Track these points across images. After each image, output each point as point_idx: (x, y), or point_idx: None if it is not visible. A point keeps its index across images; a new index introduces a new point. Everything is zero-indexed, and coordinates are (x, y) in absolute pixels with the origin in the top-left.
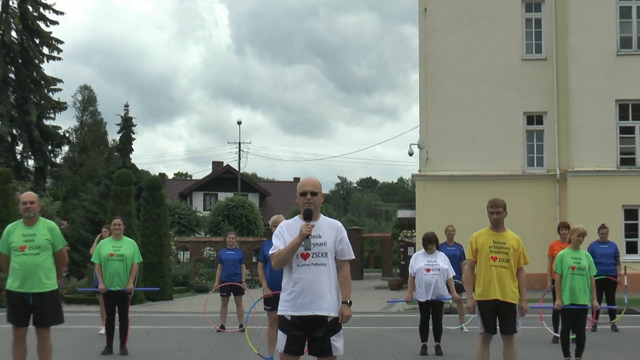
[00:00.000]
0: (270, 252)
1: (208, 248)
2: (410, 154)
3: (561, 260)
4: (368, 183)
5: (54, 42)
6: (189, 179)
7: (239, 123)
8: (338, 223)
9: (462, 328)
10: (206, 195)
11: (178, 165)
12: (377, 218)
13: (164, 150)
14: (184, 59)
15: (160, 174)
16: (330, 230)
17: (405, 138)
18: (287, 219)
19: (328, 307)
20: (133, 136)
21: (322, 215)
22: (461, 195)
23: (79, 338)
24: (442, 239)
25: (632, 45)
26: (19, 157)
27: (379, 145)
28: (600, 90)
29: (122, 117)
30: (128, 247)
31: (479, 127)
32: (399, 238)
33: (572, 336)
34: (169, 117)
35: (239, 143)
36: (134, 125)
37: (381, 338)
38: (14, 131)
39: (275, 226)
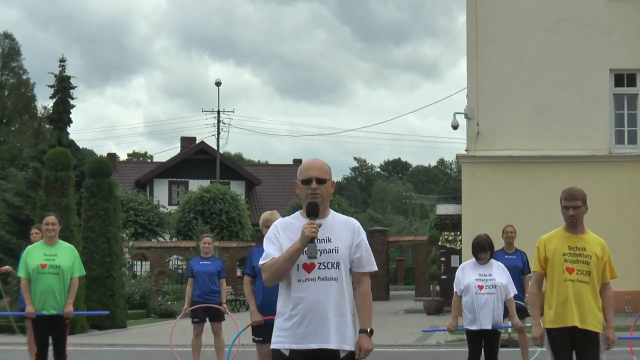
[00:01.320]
0: (261, 262)
1: (175, 257)
2: (455, 127)
3: None
4: (396, 167)
5: None
6: (148, 161)
7: (219, 84)
8: (354, 222)
9: None
10: (172, 184)
11: (134, 142)
12: (408, 215)
13: (114, 122)
14: None
15: (109, 154)
16: (343, 231)
17: (448, 105)
18: (283, 215)
19: (340, 338)
20: (72, 102)
21: (332, 211)
22: (524, 184)
23: None
24: (498, 244)
25: None
26: None
27: (412, 115)
28: None
29: (56, 76)
30: (65, 255)
31: (549, 90)
32: (439, 243)
33: None
34: (122, 76)
35: (218, 112)
36: (73, 88)
37: None
38: None
39: (268, 226)
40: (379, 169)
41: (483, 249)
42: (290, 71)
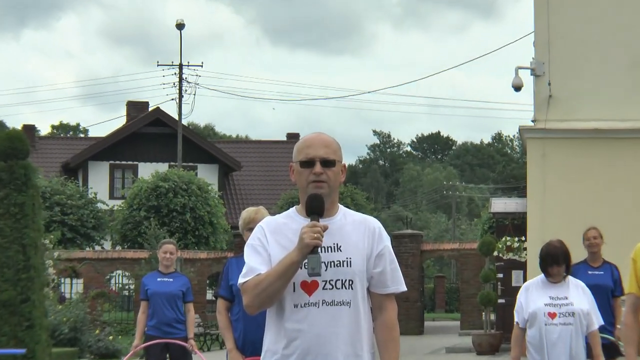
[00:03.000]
0: (241, 280)
1: (119, 272)
2: (518, 88)
3: None
4: (434, 145)
5: None
6: (81, 136)
7: (181, 26)
8: (374, 222)
9: None
10: (115, 169)
11: (62, 109)
12: (451, 213)
13: (34, 81)
14: None
15: (26, 126)
16: (358, 235)
17: (509, 56)
18: (273, 214)
19: None
20: None
21: (342, 207)
22: (616, 170)
23: None
24: (578, 254)
25: None
26: None
27: (457, 71)
28: None
29: None
30: None
31: None
32: (495, 253)
33: None
34: (46, 15)
35: (180, 65)
36: None
37: None
38: None
39: (251, 228)
40: (409, 148)
41: (555, 261)
42: (285, 6)
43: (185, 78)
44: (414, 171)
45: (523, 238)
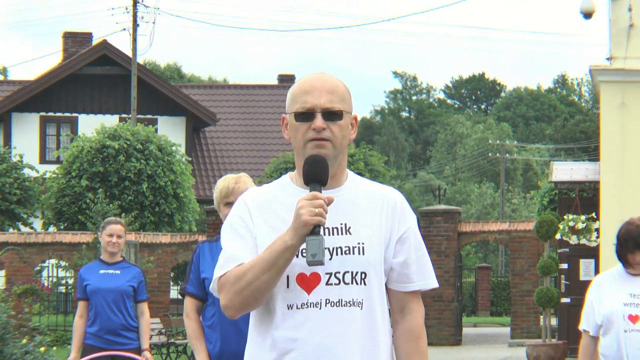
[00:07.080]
0: (217, 271)
1: (53, 261)
2: (588, 15)
3: None
4: (475, 90)
5: None
6: (1, 79)
7: None
8: (395, 195)
9: None
10: (48, 123)
11: None
12: (499, 182)
13: None
14: None
15: None
16: (374, 213)
17: None
18: (260, 183)
19: None
20: None
21: (352, 173)
22: None
23: None
24: None
25: None
26: None
27: None
28: None
29: None
30: None
31: None
32: (558, 235)
33: None
34: None
35: None
36: None
37: None
38: None
39: (230, 203)
40: (442, 94)
41: (638, 246)
42: None
43: (142, 0)
44: (448, 125)
45: (595, 216)
